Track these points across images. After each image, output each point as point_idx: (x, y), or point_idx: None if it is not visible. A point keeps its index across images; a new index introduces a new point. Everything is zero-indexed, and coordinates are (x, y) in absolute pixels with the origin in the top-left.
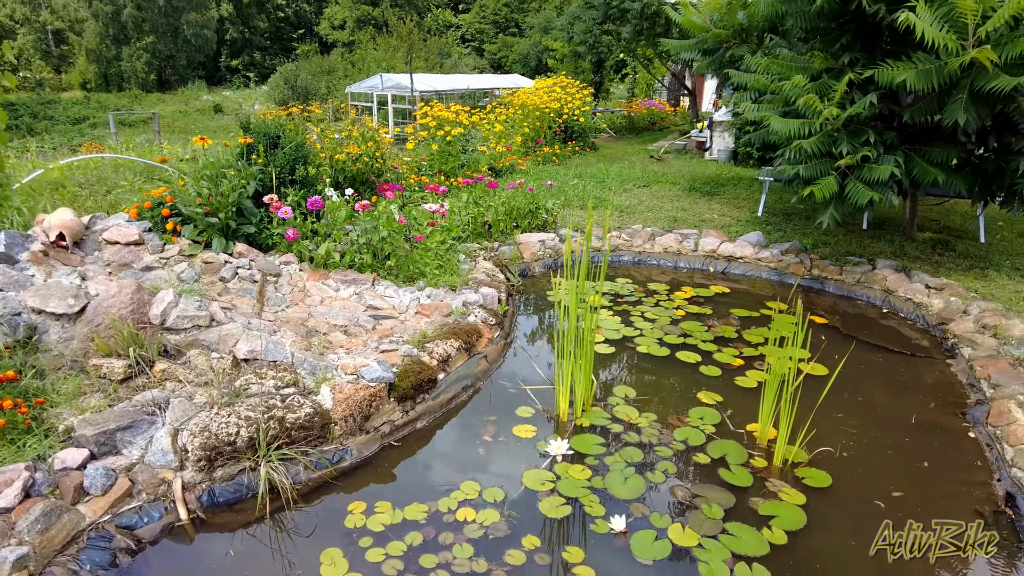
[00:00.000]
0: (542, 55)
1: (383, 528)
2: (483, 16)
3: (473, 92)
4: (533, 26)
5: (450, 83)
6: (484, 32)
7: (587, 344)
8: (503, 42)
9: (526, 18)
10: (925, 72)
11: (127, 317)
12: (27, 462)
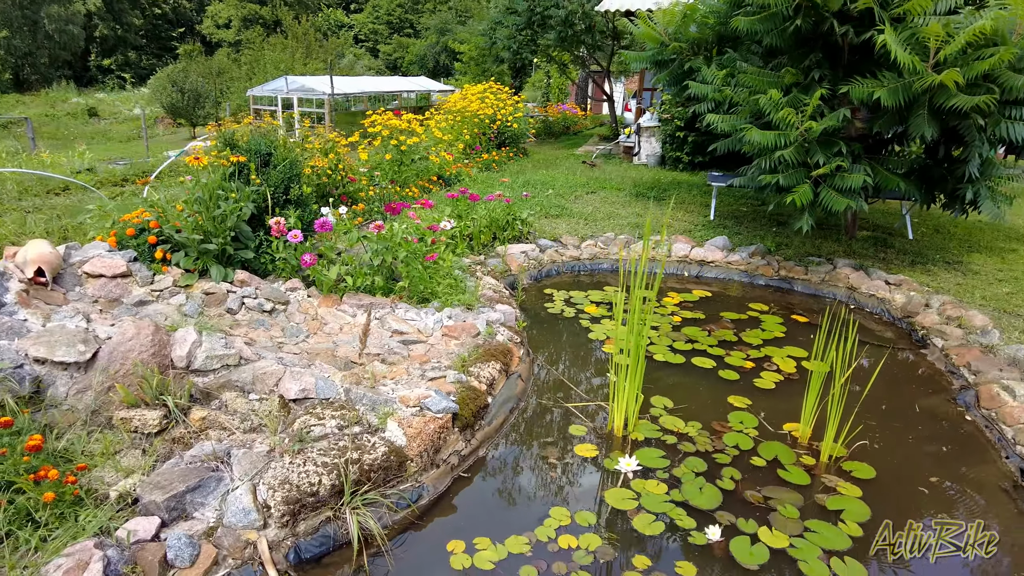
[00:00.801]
0: (440, 56)
1: (493, 566)
2: (376, 16)
3: (383, 95)
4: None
5: (359, 86)
6: (378, 33)
7: (639, 359)
8: (398, 43)
9: (421, 19)
10: (893, 90)
11: (149, 361)
12: (92, 539)
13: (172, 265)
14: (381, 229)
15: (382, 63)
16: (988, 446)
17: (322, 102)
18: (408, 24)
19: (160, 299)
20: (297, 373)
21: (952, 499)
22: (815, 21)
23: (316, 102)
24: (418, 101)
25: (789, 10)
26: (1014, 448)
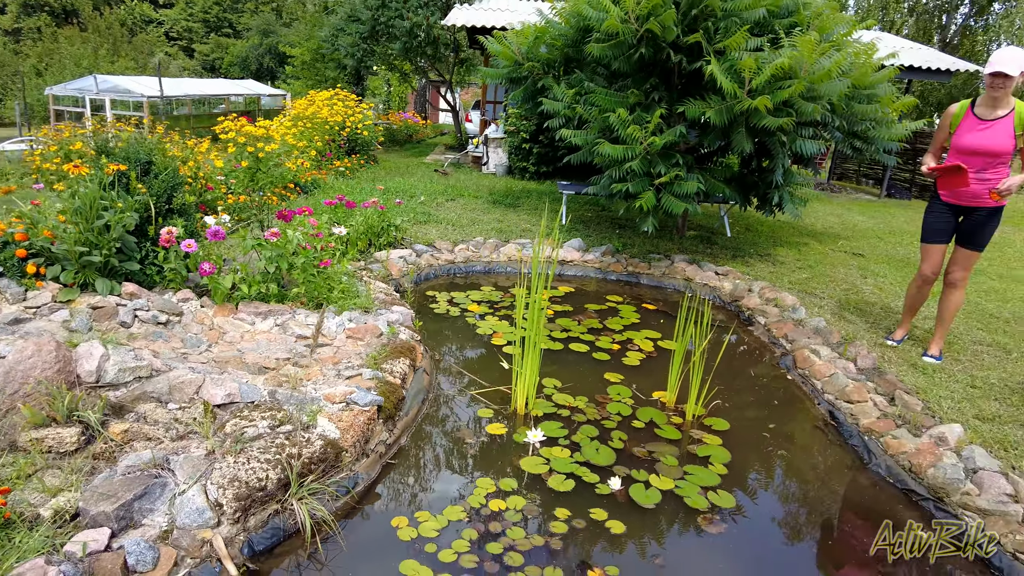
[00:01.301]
0: (264, 59)
1: (438, 533)
2: (190, 13)
3: (208, 98)
4: (251, 28)
5: (182, 88)
6: (193, 31)
7: (535, 348)
8: (217, 43)
9: (241, 19)
10: (719, 110)
11: (55, 379)
12: (39, 557)
13: (48, 280)
14: (277, 236)
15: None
16: (805, 397)
17: (140, 104)
18: (227, 23)
19: (39, 316)
20: (218, 380)
21: (786, 438)
22: (655, 50)
23: (133, 104)
24: (247, 105)
25: (634, 40)
26: (823, 396)
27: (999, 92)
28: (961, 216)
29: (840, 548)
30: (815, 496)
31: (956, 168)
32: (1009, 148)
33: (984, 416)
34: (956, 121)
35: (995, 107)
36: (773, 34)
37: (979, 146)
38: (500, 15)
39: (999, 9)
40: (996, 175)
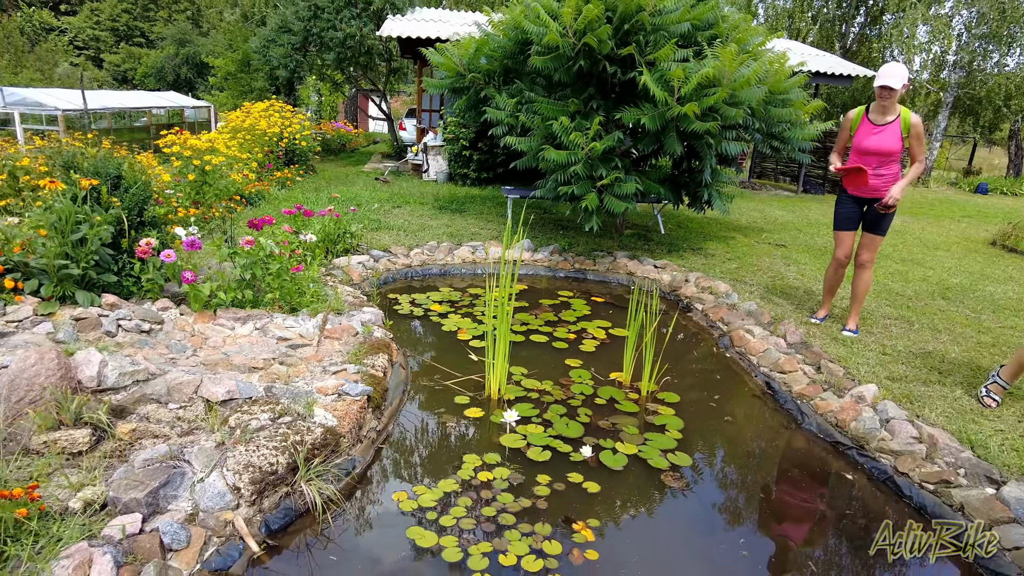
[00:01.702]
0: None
1: (436, 503)
2: (97, 22)
3: (128, 111)
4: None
5: (100, 101)
6: (101, 40)
7: (504, 339)
8: (128, 53)
9: (154, 28)
10: (653, 116)
11: (58, 385)
12: (82, 542)
13: (26, 294)
14: (252, 244)
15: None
16: (743, 371)
17: (54, 118)
18: (138, 32)
19: (22, 329)
20: (216, 379)
21: (730, 406)
22: (592, 62)
23: (47, 118)
24: (169, 118)
25: (572, 52)
26: (759, 369)
27: (887, 101)
28: (865, 206)
29: (783, 494)
30: (759, 452)
31: (857, 169)
32: (898, 148)
33: (893, 377)
34: (854, 125)
35: (885, 114)
36: (697, 46)
37: (874, 147)
38: (433, 26)
39: (890, 19)
40: (889, 171)
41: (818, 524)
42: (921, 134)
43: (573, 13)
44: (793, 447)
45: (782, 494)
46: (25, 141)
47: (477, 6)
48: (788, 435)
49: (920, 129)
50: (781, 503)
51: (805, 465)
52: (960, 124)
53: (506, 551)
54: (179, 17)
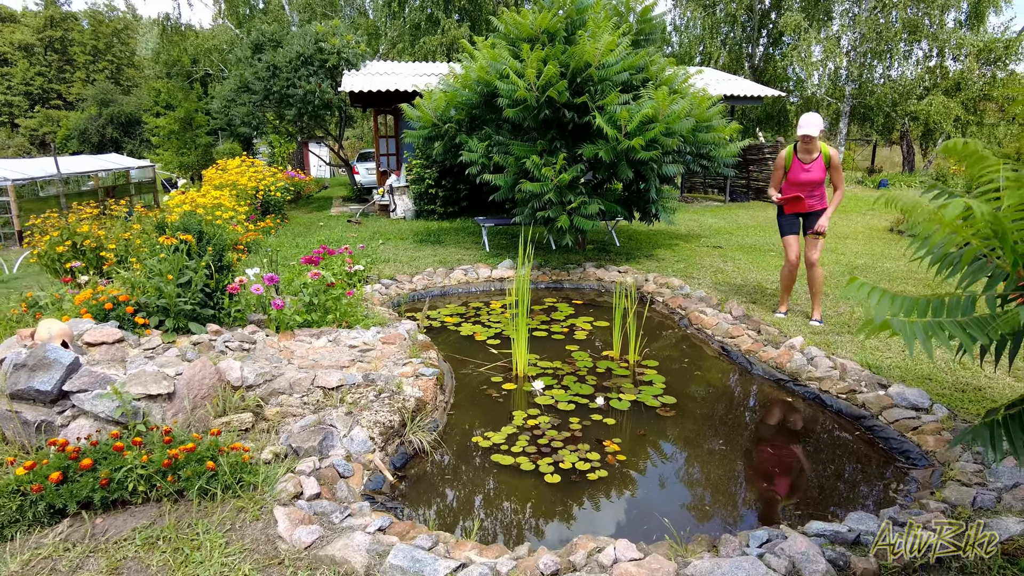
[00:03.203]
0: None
1: (504, 440)
2: (9, 86)
3: (75, 176)
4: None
5: (44, 168)
6: (15, 105)
7: (523, 331)
8: (46, 116)
9: (71, 89)
10: (607, 150)
11: (216, 384)
12: (287, 475)
13: (152, 328)
14: (318, 276)
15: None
16: (702, 341)
17: (3, 189)
18: (55, 95)
19: (158, 353)
20: (325, 373)
21: (696, 364)
22: (553, 110)
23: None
24: (115, 180)
25: (537, 103)
26: (714, 338)
27: (809, 145)
28: (801, 217)
29: (744, 413)
30: (723, 390)
31: (796, 197)
32: (823, 177)
33: (814, 332)
34: (787, 164)
35: (810, 153)
36: (635, 89)
37: (805, 180)
38: (388, 78)
39: (789, 40)
40: (818, 192)
41: (771, 428)
42: (839, 164)
43: (535, 72)
44: (747, 385)
45: (744, 413)
46: None
47: (419, 56)
48: (742, 378)
49: (838, 161)
50: (744, 419)
51: (757, 395)
52: (860, 129)
53: (563, 460)
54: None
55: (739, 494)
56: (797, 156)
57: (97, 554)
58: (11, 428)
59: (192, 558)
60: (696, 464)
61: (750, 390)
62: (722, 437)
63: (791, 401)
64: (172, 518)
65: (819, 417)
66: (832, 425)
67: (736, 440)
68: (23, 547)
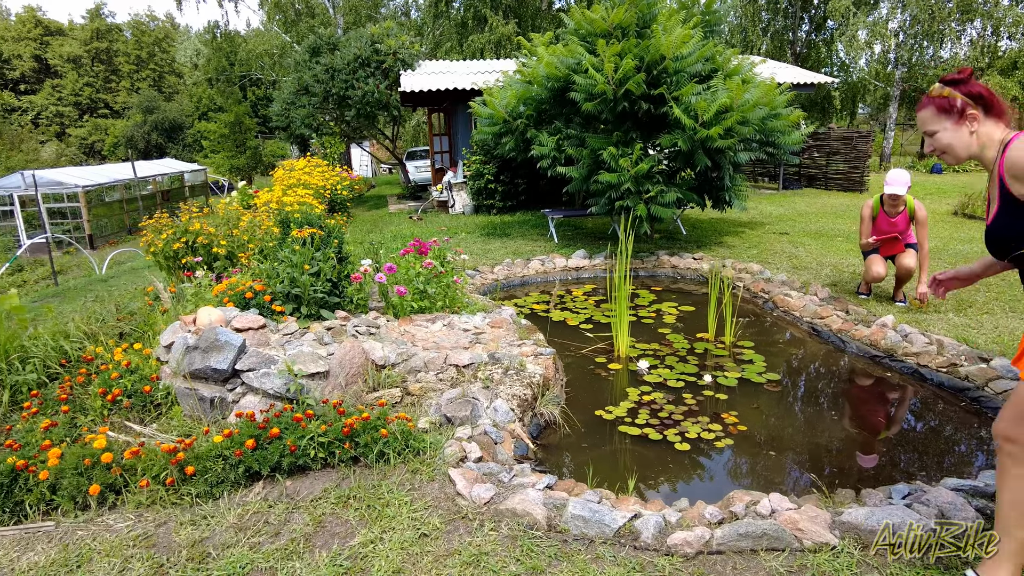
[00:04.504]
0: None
1: (625, 413)
2: (60, 98)
3: (135, 182)
4: (131, 106)
5: (109, 174)
6: (65, 115)
7: (624, 315)
8: (95, 125)
9: (117, 98)
10: (685, 140)
11: (364, 363)
12: (449, 441)
13: (288, 315)
14: (431, 265)
15: (76, 148)
16: (790, 323)
17: (75, 195)
18: (102, 104)
19: (296, 338)
20: (456, 352)
21: (790, 344)
22: (630, 102)
23: (69, 196)
24: (170, 184)
25: (614, 97)
26: (802, 320)
27: (896, 202)
28: None
29: (847, 387)
30: (822, 367)
31: (893, 238)
32: (907, 229)
33: (900, 311)
34: (875, 215)
35: (896, 207)
36: (704, 79)
37: (892, 231)
38: (444, 77)
39: (832, 26)
40: (907, 238)
41: (876, 399)
42: (924, 220)
43: (613, 66)
44: (844, 362)
45: (847, 386)
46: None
47: (467, 54)
48: (838, 356)
49: (923, 215)
50: (848, 392)
51: (856, 370)
52: (908, 113)
53: (687, 431)
54: (142, 85)
55: (860, 457)
56: (884, 209)
57: (299, 510)
58: (189, 404)
59: (384, 513)
60: (814, 432)
61: (848, 366)
62: (832, 408)
63: (889, 376)
64: (356, 480)
65: (920, 391)
66: (935, 397)
67: (845, 410)
68: (231, 503)
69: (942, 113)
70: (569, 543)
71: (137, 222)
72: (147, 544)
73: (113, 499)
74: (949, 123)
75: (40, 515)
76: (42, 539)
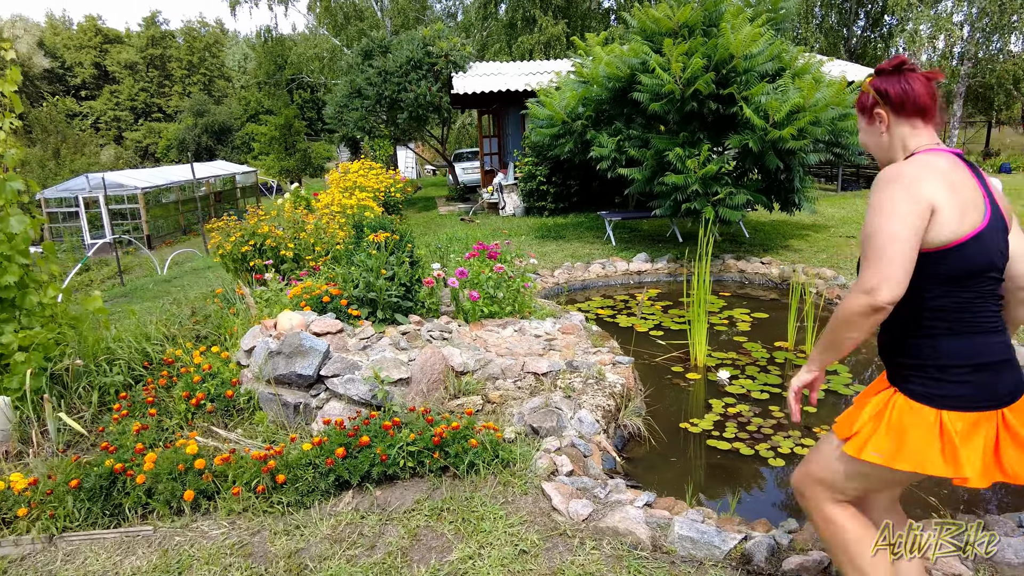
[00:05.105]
0: (202, 138)
1: (712, 426)
2: (117, 103)
3: (189, 184)
4: (182, 110)
5: (166, 176)
6: (122, 119)
7: (702, 324)
8: (149, 128)
9: (170, 102)
10: (756, 140)
11: (444, 370)
12: (537, 452)
13: (364, 319)
14: (501, 270)
15: (131, 151)
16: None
17: (134, 197)
18: (156, 108)
19: (372, 342)
20: (534, 359)
21: (873, 355)
22: (699, 102)
23: (129, 198)
24: (223, 185)
25: (681, 97)
26: None
27: None
28: None
29: None
30: None
31: None
32: None
33: None
34: None
35: None
36: (774, 77)
37: None
38: (497, 79)
39: (890, 20)
40: None
41: None
42: None
43: (681, 66)
44: None
45: None
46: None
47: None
48: None
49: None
50: None
51: None
52: (972, 110)
53: (779, 445)
54: (193, 89)
55: None
56: None
57: (393, 522)
58: (272, 409)
59: (480, 527)
60: None
61: None
62: None
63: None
64: (447, 492)
65: None
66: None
67: None
68: (322, 513)
69: (858, 109)
70: (677, 564)
71: (191, 223)
72: (244, 553)
73: (206, 505)
74: (863, 121)
75: (138, 518)
76: (141, 543)
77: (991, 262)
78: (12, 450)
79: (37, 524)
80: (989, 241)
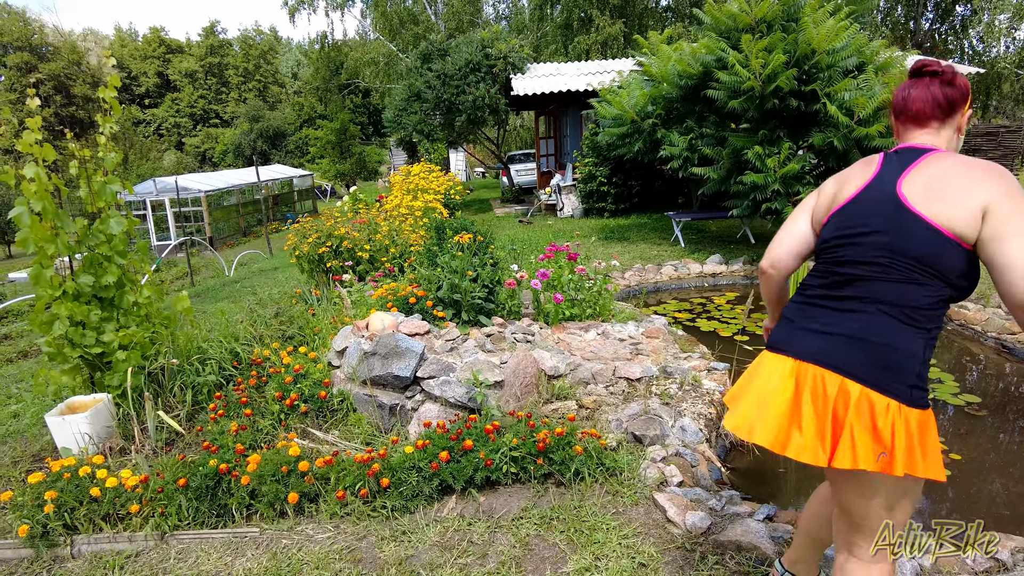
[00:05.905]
0: (256, 143)
1: None
2: (178, 110)
3: (249, 187)
4: (238, 115)
5: (227, 180)
6: (181, 126)
7: None
8: (206, 134)
9: (226, 108)
10: (841, 137)
11: (535, 373)
12: (644, 460)
13: (448, 320)
14: (583, 272)
15: (190, 156)
16: (970, 338)
17: (197, 200)
18: (213, 114)
19: (458, 343)
20: (625, 364)
21: (982, 362)
22: (779, 99)
23: (192, 201)
24: (280, 189)
25: (766, 93)
26: (987, 335)
27: None
28: None
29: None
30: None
31: None
32: None
33: None
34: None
35: None
36: (856, 72)
37: None
38: (557, 80)
39: (962, 11)
40: None
41: None
42: None
43: (761, 62)
44: None
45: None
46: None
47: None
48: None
49: None
50: None
51: None
52: None
53: None
54: (248, 95)
55: None
56: None
57: (502, 530)
58: (367, 410)
59: (593, 538)
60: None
61: None
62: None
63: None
64: (554, 500)
65: None
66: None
67: None
68: (427, 519)
69: None
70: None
71: (251, 225)
72: (353, 559)
73: (308, 508)
74: None
75: (243, 519)
76: (249, 545)
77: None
78: (116, 446)
79: (150, 521)
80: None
